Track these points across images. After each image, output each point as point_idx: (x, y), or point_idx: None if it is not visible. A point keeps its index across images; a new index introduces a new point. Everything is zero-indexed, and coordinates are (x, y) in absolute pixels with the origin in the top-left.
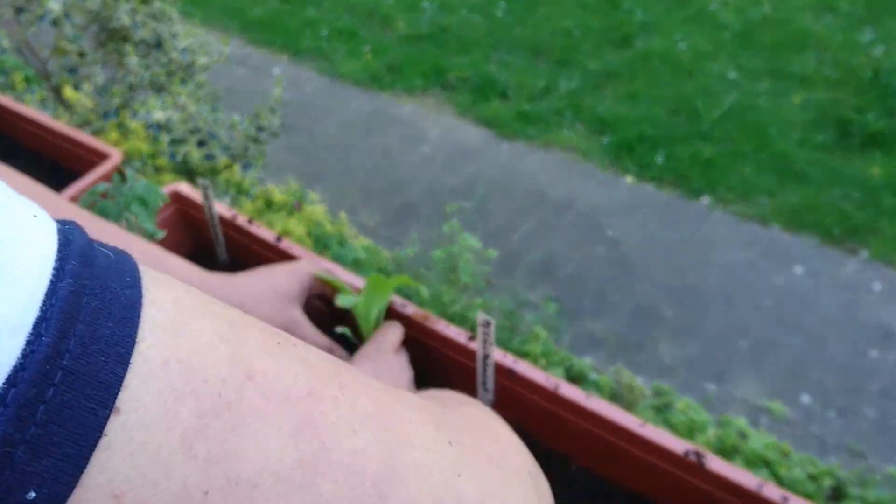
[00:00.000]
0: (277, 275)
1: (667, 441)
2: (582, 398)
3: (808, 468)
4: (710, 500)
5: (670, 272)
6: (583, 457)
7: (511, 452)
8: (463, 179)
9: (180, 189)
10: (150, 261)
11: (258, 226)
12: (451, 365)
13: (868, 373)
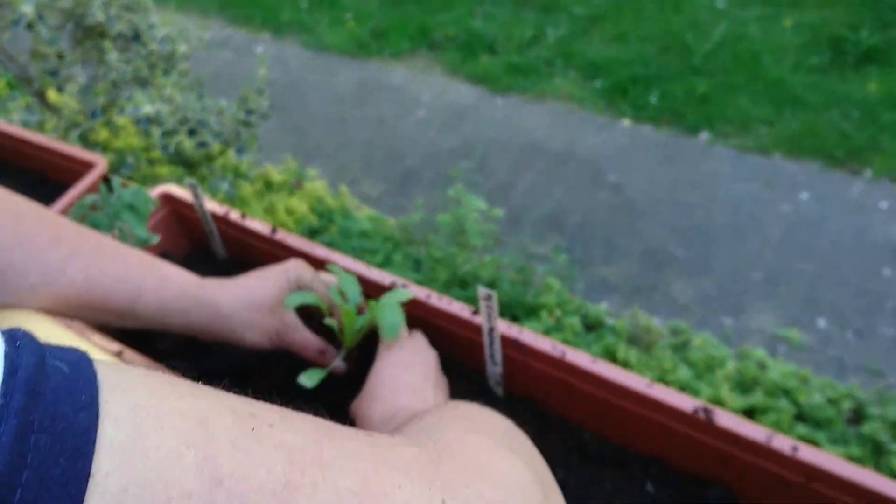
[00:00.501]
0: (269, 278)
1: (675, 399)
2: (588, 363)
3: (827, 392)
4: (720, 455)
5: (676, 212)
6: (594, 423)
7: (514, 492)
8: (460, 140)
9: (170, 190)
10: (147, 273)
11: (251, 219)
12: (458, 340)
13: (882, 292)
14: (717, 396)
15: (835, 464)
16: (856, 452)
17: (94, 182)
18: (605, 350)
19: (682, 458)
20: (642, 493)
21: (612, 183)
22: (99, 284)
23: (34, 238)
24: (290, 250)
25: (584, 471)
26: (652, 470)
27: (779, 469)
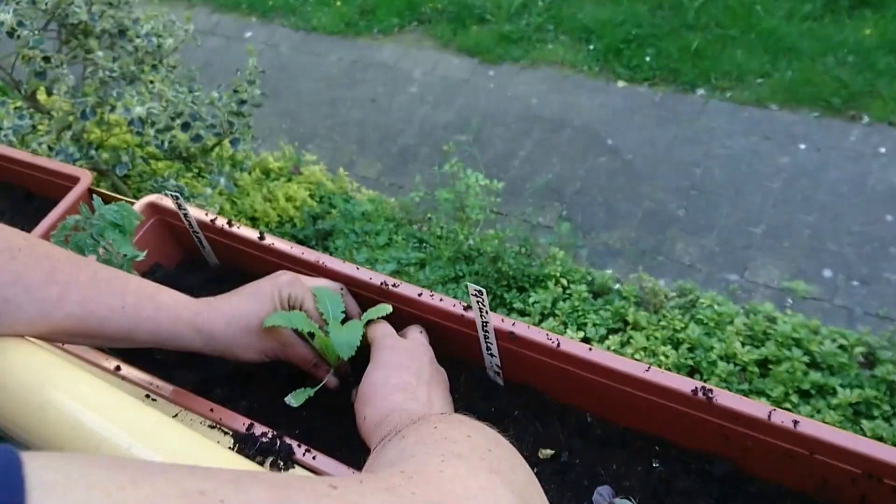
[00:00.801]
0: (260, 298)
1: (673, 382)
2: (584, 352)
3: (838, 340)
4: (722, 432)
5: (675, 171)
6: (595, 407)
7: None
8: (455, 113)
9: (156, 200)
10: (143, 303)
11: (238, 226)
12: (453, 334)
13: (886, 238)
14: (729, 351)
15: (837, 436)
16: (870, 394)
17: (80, 196)
18: (614, 314)
19: (685, 436)
20: (648, 470)
21: (610, 147)
22: (95, 315)
23: (29, 274)
24: (280, 255)
25: (589, 452)
26: (656, 448)
27: (782, 443)
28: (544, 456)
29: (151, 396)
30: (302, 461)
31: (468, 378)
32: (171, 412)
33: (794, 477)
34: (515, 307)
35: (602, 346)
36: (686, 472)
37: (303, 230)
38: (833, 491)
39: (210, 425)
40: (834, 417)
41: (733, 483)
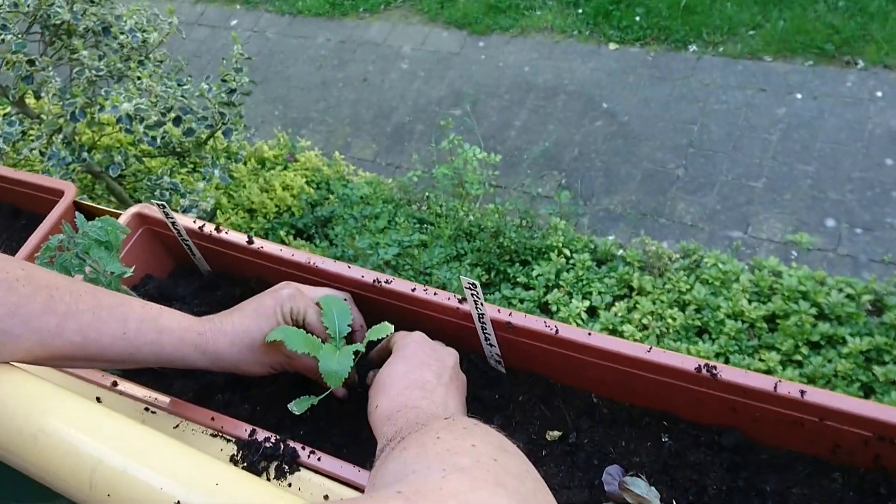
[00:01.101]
0: (264, 315)
1: (676, 361)
2: (583, 337)
3: (845, 290)
4: (729, 405)
5: (672, 130)
6: (599, 388)
7: None
8: (447, 88)
9: (142, 210)
10: (145, 327)
11: (226, 231)
12: (451, 328)
13: (887, 182)
14: (736, 309)
15: (846, 402)
16: (881, 341)
17: (65, 210)
18: (619, 281)
19: (692, 410)
20: (658, 445)
21: (605, 110)
22: (95, 343)
23: (27, 304)
24: (270, 258)
25: (598, 432)
26: (664, 423)
27: (790, 412)
28: (552, 438)
29: (151, 409)
30: (307, 463)
31: (469, 368)
32: (172, 424)
33: (806, 443)
34: (519, 281)
35: (609, 313)
36: (696, 444)
37: (301, 218)
38: (846, 453)
39: (212, 434)
40: (845, 366)
41: (744, 452)
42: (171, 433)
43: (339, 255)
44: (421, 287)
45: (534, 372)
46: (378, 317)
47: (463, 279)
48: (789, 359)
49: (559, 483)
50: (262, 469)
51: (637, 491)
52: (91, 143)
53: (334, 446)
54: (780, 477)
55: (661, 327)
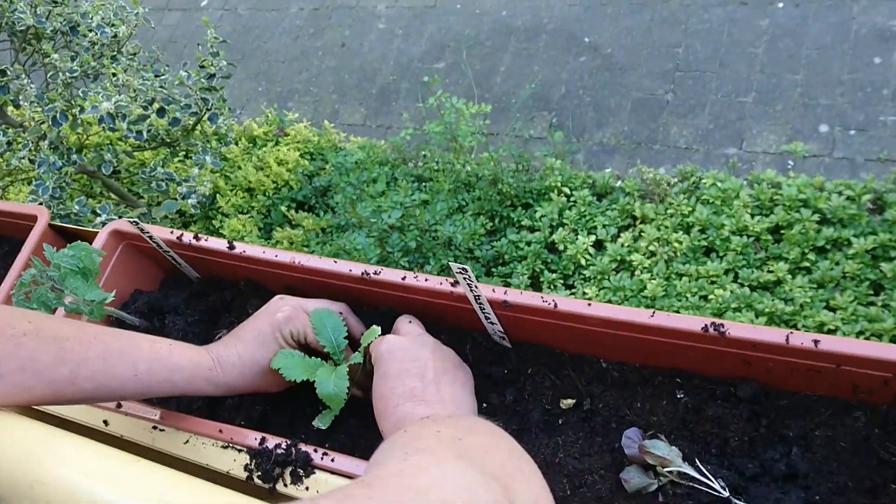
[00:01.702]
0: (266, 341)
1: (681, 323)
2: (583, 308)
3: (845, 192)
4: (742, 359)
5: (657, 56)
6: (606, 353)
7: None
8: (427, 42)
9: (118, 227)
10: (156, 367)
11: (206, 239)
12: (448, 310)
13: (877, 81)
14: (740, 225)
15: (862, 347)
16: (885, 238)
17: (41, 235)
18: (621, 212)
19: (704, 366)
20: (674, 402)
21: (588, 44)
22: (107, 388)
23: (38, 358)
24: (253, 261)
25: (611, 395)
26: (677, 380)
27: (805, 361)
28: (566, 406)
29: (159, 428)
30: (321, 465)
31: (474, 346)
32: (182, 440)
33: (824, 387)
34: (524, 224)
35: (615, 245)
36: (712, 398)
37: (300, 191)
38: (865, 393)
39: (223, 446)
40: (853, 267)
41: (762, 400)
42: (181, 449)
43: (343, 224)
44: (411, 274)
45: (539, 343)
46: (372, 307)
47: (453, 266)
48: (797, 266)
49: (579, 450)
50: (277, 476)
51: (658, 452)
52: (79, 144)
53: (351, 438)
54: (802, 421)
55: (669, 252)
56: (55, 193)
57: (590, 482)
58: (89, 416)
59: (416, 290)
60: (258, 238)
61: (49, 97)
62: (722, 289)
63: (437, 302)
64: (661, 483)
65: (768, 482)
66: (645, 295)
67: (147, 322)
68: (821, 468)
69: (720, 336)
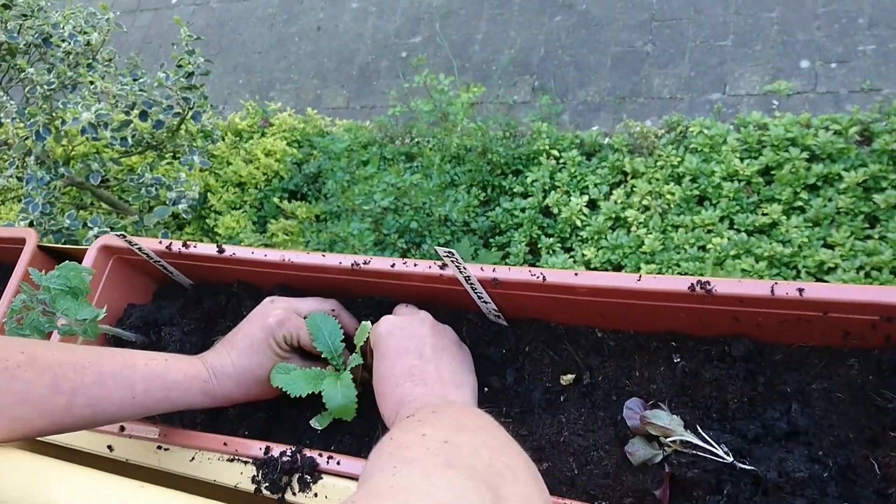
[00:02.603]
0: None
1: (668, 284)
2: (570, 278)
3: (831, 127)
4: (731, 316)
5: (632, 7)
6: (600, 322)
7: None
8: (402, 17)
9: (106, 243)
10: (152, 387)
11: (195, 245)
12: (441, 293)
13: (852, 10)
14: (730, 170)
15: (845, 292)
16: (875, 169)
17: (31, 256)
18: (612, 169)
19: (696, 326)
20: (671, 367)
21: (562, 3)
22: (105, 413)
23: (33, 390)
24: (244, 262)
25: (610, 366)
26: (672, 344)
27: (792, 311)
28: (567, 381)
29: (163, 447)
30: (328, 469)
31: (470, 328)
32: (187, 457)
33: (815, 336)
34: (516, 191)
35: (608, 202)
36: (708, 359)
37: (291, 180)
38: (857, 339)
39: (229, 459)
40: (846, 202)
41: (757, 358)
42: (187, 467)
43: (336, 210)
44: (400, 261)
45: (534, 318)
46: (367, 297)
47: (439, 250)
48: (791, 207)
49: (583, 427)
50: (285, 485)
51: (660, 423)
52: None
53: (353, 436)
54: (798, 374)
55: (662, 204)
56: (45, 209)
57: (596, 458)
58: (93, 442)
59: (407, 277)
60: (253, 233)
61: (30, 112)
62: (719, 237)
63: (429, 286)
64: (665, 453)
65: (771, 442)
66: (644, 251)
67: (143, 336)
68: (821, 422)
69: (707, 294)
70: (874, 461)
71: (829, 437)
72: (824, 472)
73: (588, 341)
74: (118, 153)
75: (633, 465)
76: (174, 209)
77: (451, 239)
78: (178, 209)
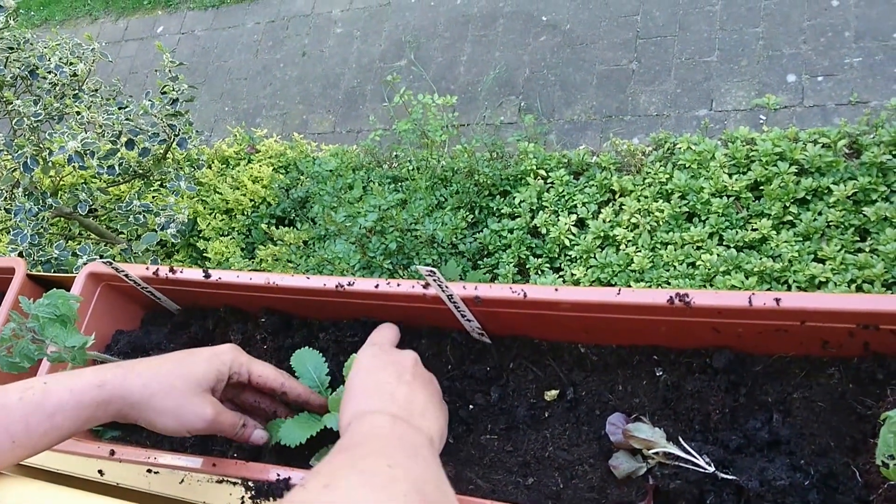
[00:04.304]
0: (194, 363)
1: (647, 298)
2: (551, 294)
3: (820, 140)
4: (711, 327)
5: (616, 26)
6: (583, 337)
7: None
8: (387, 41)
9: (94, 270)
10: (32, 421)
11: (181, 270)
12: (424, 312)
13: (837, 24)
14: (718, 186)
15: (821, 301)
16: (864, 182)
17: (21, 285)
18: (600, 187)
19: (677, 339)
20: (654, 380)
21: (546, 23)
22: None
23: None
24: (230, 286)
25: (593, 381)
26: (654, 357)
27: (771, 321)
28: (551, 397)
29: (153, 471)
30: None
31: (454, 346)
32: (177, 479)
33: (794, 346)
34: (504, 212)
35: (597, 221)
36: (690, 372)
37: (279, 206)
38: (835, 347)
39: (217, 480)
40: (836, 215)
41: (738, 369)
42: (177, 489)
43: (322, 235)
44: (383, 281)
45: (517, 335)
46: (351, 318)
47: (421, 269)
48: (781, 221)
49: (568, 442)
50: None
51: (642, 436)
52: (53, 186)
53: None
54: (779, 384)
55: (651, 222)
56: (34, 240)
57: (581, 473)
58: (85, 467)
59: (391, 297)
60: (241, 259)
61: (17, 143)
62: (708, 253)
63: (413, 306)
64: (649, 466)
65: (753, 452)
66: (633, 269)
67: None
68: (802, 431)
69: (686, 306)
70: (855, 468)
71: (810, 446)
72: (806, 481)
73: (571, 357)
74: (106, 182)
75: (617, 479)
76: (163, 235)
77: (438, 260)
78: (167, 234)
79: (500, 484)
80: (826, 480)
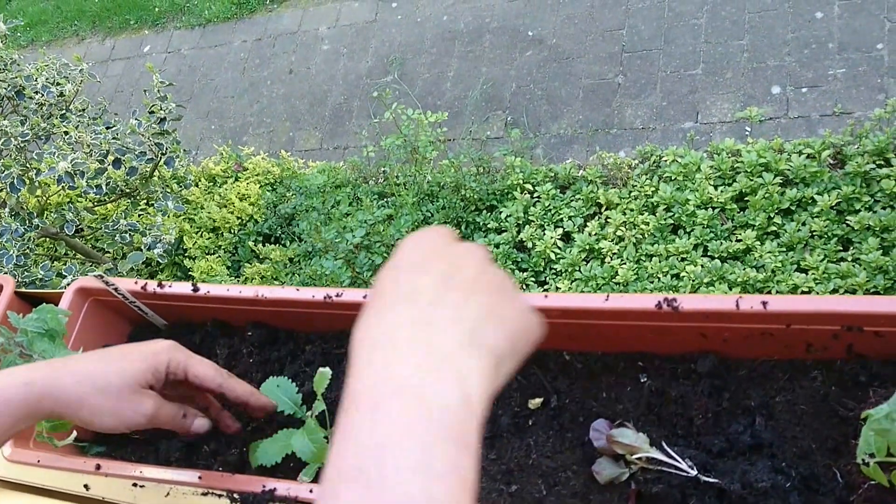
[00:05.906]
0: (130, 361)
1: (635, 303)
2: (539, 300)
3: (804, 151)
4: (698, 332)
5: (602, 40)
6: (568, 344)
7: None
8: (373, 57)
9: (83, 285)
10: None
11: (169, 284)
12: None
13: (821, 36)
14: (704, 198)
15: (805, 303)
16: (848, 191)
17: (8, 302)
18: (586, 201)
19: (663, 345)
20: (638, 386)
21: (532, 38)
22: None
23: None
24: (218, 300)
25: (577, 389)
26: (639, 363)
27: (757, 325)
28: (535, 406)
29: (139, 485)
30: (308, 499)
31: None
32: (163, 493)
33: (779, 349)
34: (490, 227)
35: (583, 234)
36: (674, 377)
37: (266, 223)
38: (819, 350)
39: (203, 493)
40: (819, 225)
41: (722, 374)
42: (162, 503)
43: (309, 251)
44: (371, 292)
45: None
46: (339, 331)
47: None
48: (765, 232)
49: (551, 449)
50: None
51: (625, 441)
52: (40, 207)
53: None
54: (762, 389)
55: (636, 235)
56: (19, 261)
57: (564, 479)
58: (70, 482)
59: None
60: (228, 277)
61: (4, 164)
62: (693, 264)
63: None
64: (632, 471)
65: (735, 455)
66: (617, 281)
67: None
68: (784, 434)
69: (674, 311)
70: (836, 470)
71: (792, 449)
72: (787, 483)
73: (556, 364)
74: (92, 202)
75: (600, 484)
76: (149, 254)
77: None
78: (154, 254)
79: (484, 491)
80: (807, 482)
